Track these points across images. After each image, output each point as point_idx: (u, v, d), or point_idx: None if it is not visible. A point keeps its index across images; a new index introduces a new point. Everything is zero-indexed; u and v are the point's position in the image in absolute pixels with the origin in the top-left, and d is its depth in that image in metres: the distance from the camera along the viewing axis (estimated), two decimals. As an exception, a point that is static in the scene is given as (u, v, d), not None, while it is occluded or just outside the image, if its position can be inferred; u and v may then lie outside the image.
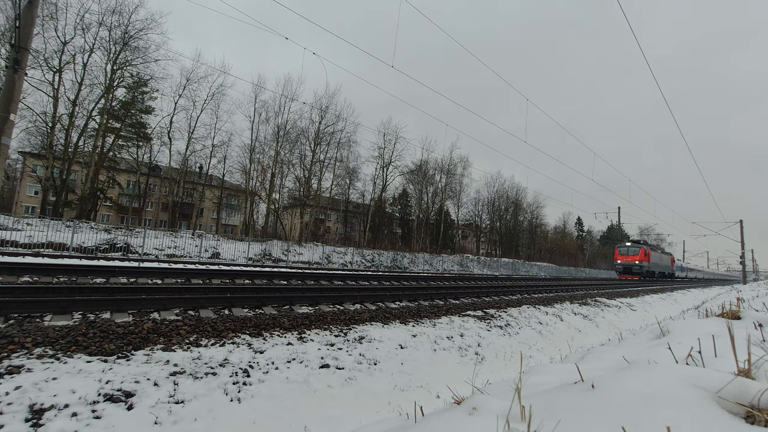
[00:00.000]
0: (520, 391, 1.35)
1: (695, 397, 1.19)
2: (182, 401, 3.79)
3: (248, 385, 4.33)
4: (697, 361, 1.83)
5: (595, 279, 42.39)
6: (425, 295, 11.39)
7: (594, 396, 1.33)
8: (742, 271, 44.71)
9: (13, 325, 4.92)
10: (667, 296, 23.70)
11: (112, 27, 25.44)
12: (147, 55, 26.82)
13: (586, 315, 12.45)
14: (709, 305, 6.29)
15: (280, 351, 5.26)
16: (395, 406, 4.52)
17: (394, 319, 7.88)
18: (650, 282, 38.85)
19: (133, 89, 28.14)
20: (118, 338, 4.76)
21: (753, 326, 2.81)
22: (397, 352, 6.19)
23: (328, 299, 8.92)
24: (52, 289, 6.63)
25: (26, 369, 3.69)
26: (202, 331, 5.53)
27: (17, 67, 8.76)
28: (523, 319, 9.90)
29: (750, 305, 4.71)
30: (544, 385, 1.78)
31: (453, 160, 45.92)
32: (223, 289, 8.49)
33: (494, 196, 53.51)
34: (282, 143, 34.05)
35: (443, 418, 1.43)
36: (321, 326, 6.69)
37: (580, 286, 21.73)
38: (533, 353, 7.89)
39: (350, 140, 38.14)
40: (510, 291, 14.99)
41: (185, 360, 4.48)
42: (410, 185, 45.59)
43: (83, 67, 24.90)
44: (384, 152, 40.65)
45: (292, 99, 33.59)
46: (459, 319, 8.76)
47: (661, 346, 2.33)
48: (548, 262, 56.67)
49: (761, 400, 1.09)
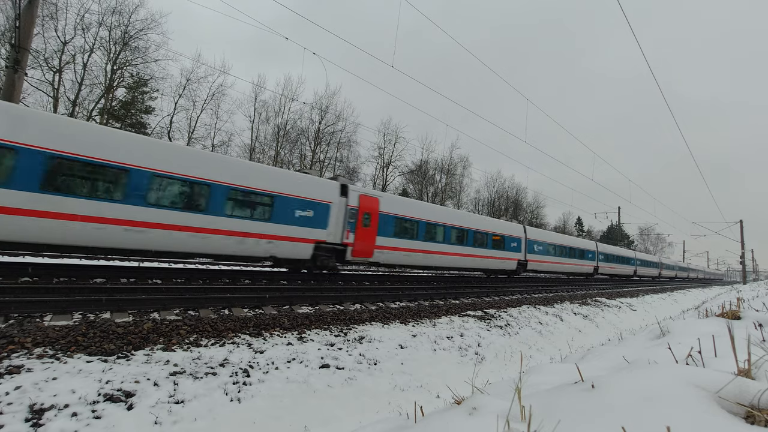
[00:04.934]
0: (520, 391, 1.35)
1: (695, 397, 1.19)
2: (182, 401, 3.79)
3: (248, 385, 4.34)
4: (697, 361, 1.83)
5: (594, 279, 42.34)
6: (425, 295, 11.39)
7: (594, 396, 1.33)
8: (742, 271, 44.71)
9: (13, 325, 4.92)
10: (667, 296, 23.72)
11: (112, 27, 25.46)
12: (147, 55, 26.83)
13: (586, 315, 12.46)
14: (709, 305, 6.29)
15: (280, 351, 5.26)
16: (395, 406, 4.52)
17: (394, 319, 7.88)
18: (650, 282, 38.82)
19: (133, 89, 28.14)
20: (118, 338, 4.76)
21: (753, 326, 2.81)
22: (397, 352, 6.19)
23: (328, 299, 8.92)
24: (52, 289, 6.62)
25: (26, 369, 3.69)
26: (202, 331, 5.53)
27: (17, 67, 8.76)
28: (523, 319, 9.90)
29: (750, 305, 4.71)
30: (544, 385, 1.78)
31: (453, 160, 45.98)
32: (224, 288, 8.48)
33: (494, 196, 53.52)
34: (282, 143, 34.07)
35: (443, 418, 1.43)
36: (321, 326, 6.70)
37: (580, 286, 21.74)
38: (533, 353, 7.89)
39: (350, 140, 38.15)
40: (510, 291, 14.98)
41: (185, 360, 4.49)
42: (410, 185, 45.58)
43: (83, 67, 24.90)
44: (384, 152, 40.71)
45: (292, 99, 33.62)
46: (459, 319, 8.76)
47: (661, 346, 2.33)
48: (548, 262, 56.50)
49: (761, 400, 1.09)
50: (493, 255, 18.31)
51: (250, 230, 9.97)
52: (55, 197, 7.27)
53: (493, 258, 18.37)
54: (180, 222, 8.80)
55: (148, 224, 8.37)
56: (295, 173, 12.11)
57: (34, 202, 7.05)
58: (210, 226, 9.28)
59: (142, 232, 8.29)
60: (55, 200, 7.26)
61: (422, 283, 14.66)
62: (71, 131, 7.64)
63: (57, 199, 7.29)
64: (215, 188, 9.39)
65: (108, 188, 8.00)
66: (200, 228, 9.12)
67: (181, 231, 8.82)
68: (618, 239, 48.79)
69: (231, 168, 9.96)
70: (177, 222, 8.76)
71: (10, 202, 6.84)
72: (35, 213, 7.08)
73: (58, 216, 7.30)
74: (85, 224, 7.58)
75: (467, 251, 16.66)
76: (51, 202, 7.23)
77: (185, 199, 9.00)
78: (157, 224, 8.50)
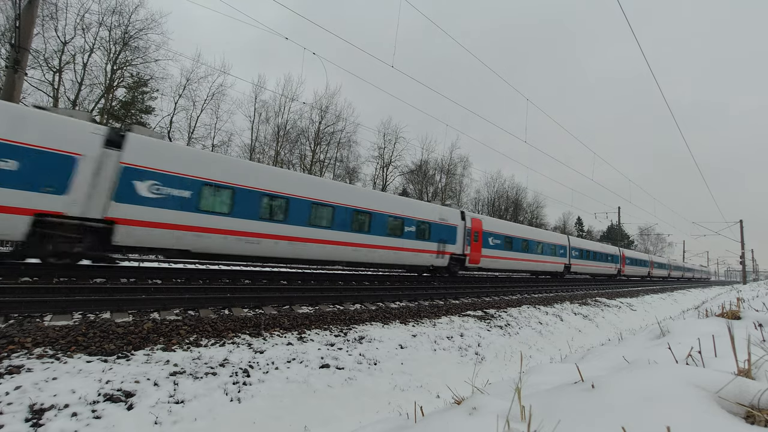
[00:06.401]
0: (520, 391, 1.35)
1: (695, 397, 1.19)
2: (182, 401, 3.79)
3: (248, 385, 4.34)
4: (697, 361, 1.83)
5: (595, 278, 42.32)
6: (425, 295, 11.39)
7: (594, 396, 1.33)
8: (742, 271, 44.69)
9: (13, 325, 4.92)
10: (667, 296, 23.72)
11: (112, 27, 25.45)
12: (147, 55, 26.82)
13: (586, 315, 12.45)
14: (709, 305, 6.29)
15: (280, 351, 5.26)
16: (395, 406, 4.52)
17: (394, 319, 7.88)
18: (651, 282, 38.78)
19: (133, 89, 28.13)
20: (118, 338, 4.76)
21: (753, 326, 2.81)
22: (397, 352, 6.19)
23: (328, 299, 8.92)
24: (52, 289, 6.62)
25: (26, 369, 3.69)
26: (202, 331, 5.53)
27: (17, 67, 8.75)
28: (523, 319, 9.90)
29: (750, 305, 4.71)
30: (544, 385, 1.78)
31: (453, 160, 45.99)
32: (224, 289, 8.48)
33: (494, 196, 53.50)
34: (282, 143, 34.06)
35: (443, 418, 1.43)
36: (321, 326, 6.69)
37: (580, 286, 21.74)
38: (533, 353, 7.89)
39: (350, 140, 38.16)
40: (510, 291, 14.99)
41: (185, 360, 4.49)
42: (410, 185, 45.57)
43: (83, 67, 24.89)
44: (384, 152, 40.71)
45: (292, 99, 33.62)
46: (459, 319, 8.76)
47: (661, 346, 2.33)
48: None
49: (761, 400, 1.09)
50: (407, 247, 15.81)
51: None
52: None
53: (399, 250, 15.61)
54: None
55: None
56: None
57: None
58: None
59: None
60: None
61: (422, 283, 14.67)
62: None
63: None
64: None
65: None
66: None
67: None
68: (618, 239, 48.78)
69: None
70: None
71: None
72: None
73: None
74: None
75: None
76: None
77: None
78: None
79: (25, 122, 7.34)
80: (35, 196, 7.31)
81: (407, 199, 15.59)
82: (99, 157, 8.05)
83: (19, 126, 7.25)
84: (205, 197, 9.45)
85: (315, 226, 11.53)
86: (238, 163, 11.14)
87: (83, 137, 7.91)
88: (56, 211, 7.56)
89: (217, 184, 9.66)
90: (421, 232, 14.86)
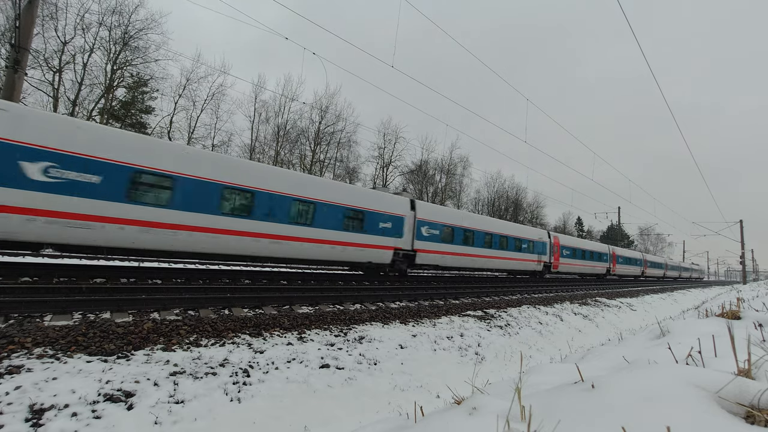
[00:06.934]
0: (520, 391, 1.35)
1: (695, 397, 1.19)
2: (182, 401, 3.79)
3: (248, 385, 4.34)
4: (697, 361, 1.83)
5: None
6: (425, 295, 11.39)
7: (594, 396, 1.33)
8: (742, 270, 44.70)
9: (13, 325, 4.92)
10: (667, 296, 23.72)
11: (112, 27, 25.45)
12: (147, 55, 26.82)
13: (586, 315, 12.46)
14: (709, 305, 6.29)
15: (280, 351, 5.26)
16: (395, 406, 4.52)
17: (394, 319, 7.88)
18: (651, 282, 38.70)
19: (133, 89, 28.13)
20: (118, 338, 4.76)
21: (753, 326, 2.81)
22: (397, 352, 6.19)
23: (328, 299, 8.92)
24: (52, 289, 6.63)
25: (26, 369, 3.69)
26: (202, 331, 5.53)
27: (17, 67, 8.75)
28: (523, 319, 9.90)
29: (750, 305, 4.71)
30: (544, 385, 1.78)
31: (453, 160, 45.97)
32: (224, 289, 8.49)
33: (494, 196, 53.49)
34: (282, 143, 34.06)
35: (443, 418, 1.43)
36: (321, 326, 6.69)
37: (580, 286, 21.74)
38: (533, 353, 7.89)
39: (350, 140, 38.16)
40: (510, 291, 14.99)
41: (185, 360, 4.49)
42: (410, 185, 45.55)
43: (83, 67, 24.89)
44: (384, 152, 40.71)
45: (292, 99, 33.61)
46: (459, 319, 8.76)
47: (661, 346, 2.33)
48: (548, 261, 56.41)
49: (761, 400, 1.09)
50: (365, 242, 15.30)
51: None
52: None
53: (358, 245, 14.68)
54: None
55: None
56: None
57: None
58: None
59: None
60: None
61: (422, 283, 14.68)
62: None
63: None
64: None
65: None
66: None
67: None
68: (618, 239, 48.78)
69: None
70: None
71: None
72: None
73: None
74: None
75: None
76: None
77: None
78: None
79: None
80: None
81: (336, 183, 13.79)
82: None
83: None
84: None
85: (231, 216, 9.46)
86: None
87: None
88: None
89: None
90: (354, 222, 12.47)
